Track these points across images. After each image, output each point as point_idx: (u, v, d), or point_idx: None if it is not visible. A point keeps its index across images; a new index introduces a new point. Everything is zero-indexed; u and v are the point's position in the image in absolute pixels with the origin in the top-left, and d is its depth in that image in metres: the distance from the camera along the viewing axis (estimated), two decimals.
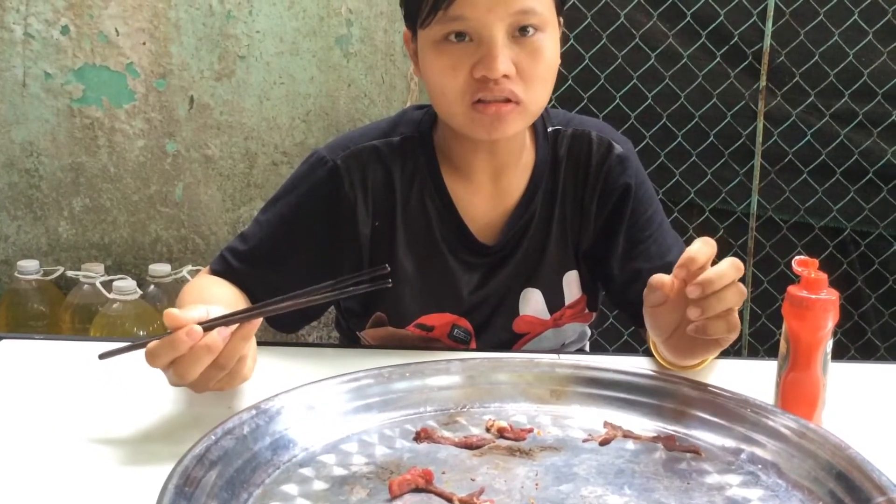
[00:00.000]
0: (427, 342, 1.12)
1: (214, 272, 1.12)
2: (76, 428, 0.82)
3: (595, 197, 1.14)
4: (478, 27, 0.96)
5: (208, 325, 0.79)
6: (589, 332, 1.27)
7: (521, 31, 0.98)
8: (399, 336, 1.13)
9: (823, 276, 0.84)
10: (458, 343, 1.14)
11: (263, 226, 1.11)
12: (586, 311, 1.20)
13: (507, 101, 0.99)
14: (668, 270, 1.10)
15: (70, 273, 2.12)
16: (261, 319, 0.82)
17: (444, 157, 1.12)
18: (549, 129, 1.14)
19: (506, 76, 0.97)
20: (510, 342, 1.16)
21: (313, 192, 1.10)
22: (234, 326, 0.80)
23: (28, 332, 1.97)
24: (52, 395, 0.89)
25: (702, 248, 0.84)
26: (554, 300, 1.16)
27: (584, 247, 1.16)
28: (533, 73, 0.99)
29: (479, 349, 1.15)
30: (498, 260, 1.13)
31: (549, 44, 1.00)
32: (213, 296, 1.05)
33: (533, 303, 1.15)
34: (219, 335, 0.78)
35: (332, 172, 1.09)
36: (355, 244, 1.10)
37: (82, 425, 0.82)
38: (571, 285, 1.16)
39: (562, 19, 1.06)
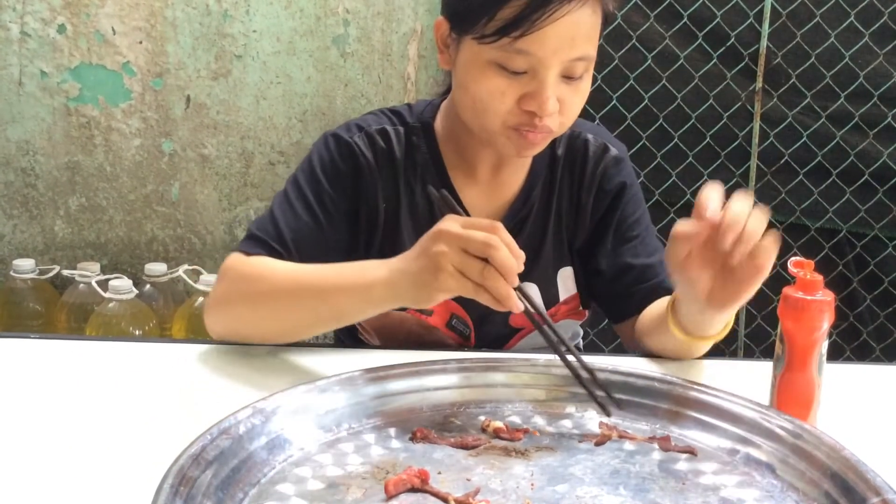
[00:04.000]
0: (426, 329, 1.13)
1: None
2: (71, 427, 0.81)
3: (591, 196, 1.16)
4: (537, 65, 0.96)
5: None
6: (581, 332, 1.28)
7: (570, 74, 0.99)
8: (397, 320, 1.13)
9: (819, 278, 0.84)
10: (457, 336, 1.14)
11: (297, 210, 1.08)
12: (580, 308, 1.21)
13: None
14: (655, 268, 1.13)
15: (66, 272, 2.12)
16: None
17: (447, 148, 1.13)
18: None
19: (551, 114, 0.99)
20: (507, 336, 1.17)
21: (337, 166, 1.10)
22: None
23: (23, 332, 1.97)
24: (48, 395, 0.89)
25: (711, 192, 0.85)
26: (549, 295, 1.17)
27: (578, 244, 1.18)
28: (573, 108, 1.01)
29: (477, 343, 1.16)
30: None
31: (589, 79, 1.02)
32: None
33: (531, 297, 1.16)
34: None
35: (350, 148, 1.10)
36: (373, 217, 1.11)
37: (78, 425, 0.82)
38: (566, 281, 1.18)
39: None
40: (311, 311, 0.97)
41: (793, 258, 0.87)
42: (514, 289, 0.82)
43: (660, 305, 1.07)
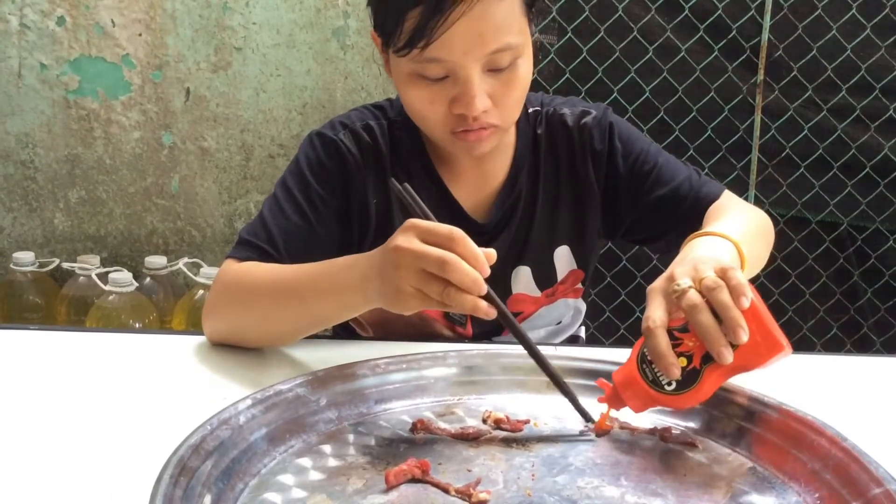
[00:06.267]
0: (423, 320, 1.13)
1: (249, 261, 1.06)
2: (72, 418, 0.81)
3: (589, 165, 1.15)
4: (454, 68, 0.95)
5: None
6: (584, 308, 1.28)
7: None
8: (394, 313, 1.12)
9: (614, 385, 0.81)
10: (454, 324, 1.14)
11: (287, 212, 1.08)
12: (578, 285, 1.21)
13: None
14: (684, 185, 1.12)
15: (66, 265, 2.12)
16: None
17: (429, 141, 1.13)
18: (530, 111, 1.16)
19: (484, 111, 0.97)
20: None
21: (324, 165, 1.09)
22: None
23: (23, 324, 1.97)
24: (48, 386, 0.89)
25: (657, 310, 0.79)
26: (545, 276, 1.17)
27: (595, 218, 1.17)
28: (509, 100, 0.99)
29: (474, 332, 1.16)
30: (488, 240, 1.14)
31: (524, 66, 0.99)
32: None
33: (525, 280, 1.16)
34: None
35: (336, 146, 1.10)
36: (365, 214, 1.11)
37: (78, 416, 0.82)
38: (563, 260, 1.18)
39: (533, 25, 1.05)
40: (294, 317, 0.96)
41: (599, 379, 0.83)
42: (485, 295, 0.78)
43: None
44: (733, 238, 0.94)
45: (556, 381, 0.83)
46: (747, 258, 0.93)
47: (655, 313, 0.77)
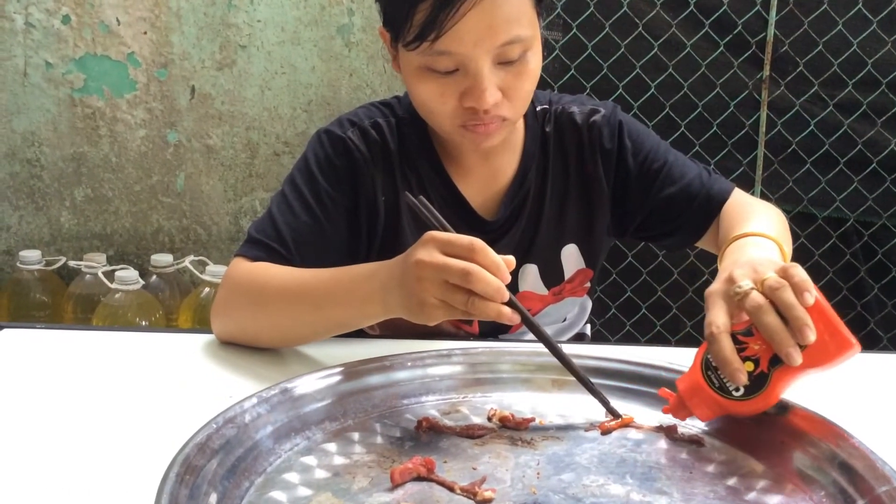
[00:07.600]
0: None
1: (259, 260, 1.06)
2: (78, 416, 0.82)
3: (599, 164, 1.15)
4: (464, 60, 0.95)
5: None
6: (589, 306, 1.28)
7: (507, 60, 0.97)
8: None
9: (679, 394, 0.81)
10: (461, 322, 1.14)
11: (296, 210, 1.08)
12: (586, 283, 1.21)
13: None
14: (694, 183, 1.13)
15: (72, 263, 2.13)
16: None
17: (437, 139, 1.13)
18: (538, 108, 1.16)
19: (494, 104, 0.97)
20: None
21: (332, 162, 1.09)
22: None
23: (30, 322, 1.97)
24: (54, 385, 0.89)
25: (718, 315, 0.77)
26: (552, 274, 1.17)
27: (603, 217, 1.17)
28: (520, 91, 0.99)
29: (481, 330, 1.16)
30: (495, 237, 1.14)
31: (534, 58, 0.99)
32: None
33: (532, 278, 1.16)
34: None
35: (344, 143, 1.10)
36: (373, 211, 1.10)
37: (84, 414, 0.82)
38: (570, 259, 1.18)
39: (541, 19, 1.04)
40: (309, 322, 0.96)
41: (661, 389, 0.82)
42: (507, 302, 0.79)
43: (728, 229, 1.03)
44: (774, 237, 0.94)
45: (583, 381, 0.84)
46: (788, 256, 0.94)
47: (718, 318, 0.76)
